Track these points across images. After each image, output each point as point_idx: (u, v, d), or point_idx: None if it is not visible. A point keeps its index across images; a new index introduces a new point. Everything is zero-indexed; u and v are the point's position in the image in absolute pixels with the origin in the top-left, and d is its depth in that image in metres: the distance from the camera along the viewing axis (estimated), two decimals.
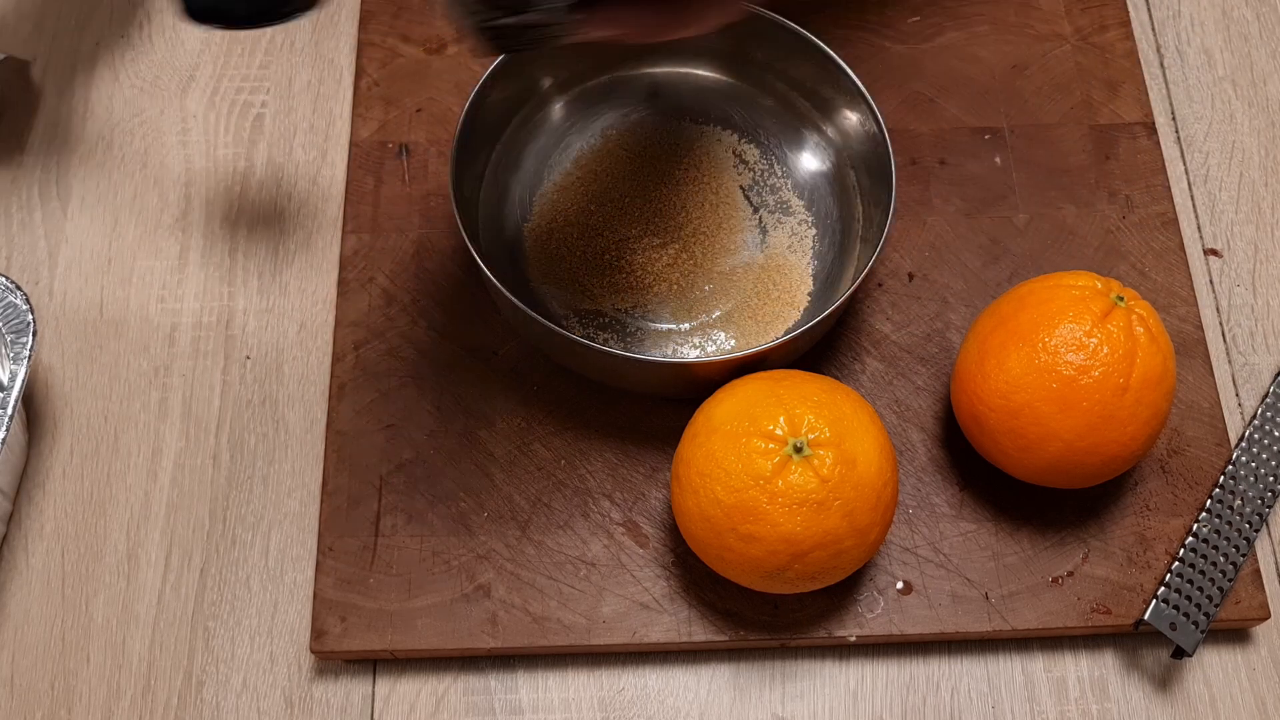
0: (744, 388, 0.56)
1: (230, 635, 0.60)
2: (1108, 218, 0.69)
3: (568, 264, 0.66)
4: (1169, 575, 0.59)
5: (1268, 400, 0.64)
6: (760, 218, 0.67)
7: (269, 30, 0.75)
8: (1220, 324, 0.68)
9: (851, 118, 0.65)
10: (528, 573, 0.59)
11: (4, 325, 0.65)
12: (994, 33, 0.74)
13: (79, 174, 0.71)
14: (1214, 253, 0.70)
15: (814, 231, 0.67)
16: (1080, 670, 0.60)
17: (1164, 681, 0.60)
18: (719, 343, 0.64)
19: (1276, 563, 0.63)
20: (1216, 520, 0.60)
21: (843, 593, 0.59)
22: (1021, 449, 0.56)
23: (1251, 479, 0.62)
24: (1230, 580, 0.59)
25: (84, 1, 0.76)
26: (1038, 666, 0.60)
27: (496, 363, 0.65)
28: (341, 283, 0.66)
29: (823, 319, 0.59)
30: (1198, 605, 0.58)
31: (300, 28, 0.75)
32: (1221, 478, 0.62)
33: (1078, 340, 0.55)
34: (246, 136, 0.72)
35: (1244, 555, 0.59)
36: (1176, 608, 0.58)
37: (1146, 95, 0.73)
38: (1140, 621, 0.58)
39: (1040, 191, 0.70)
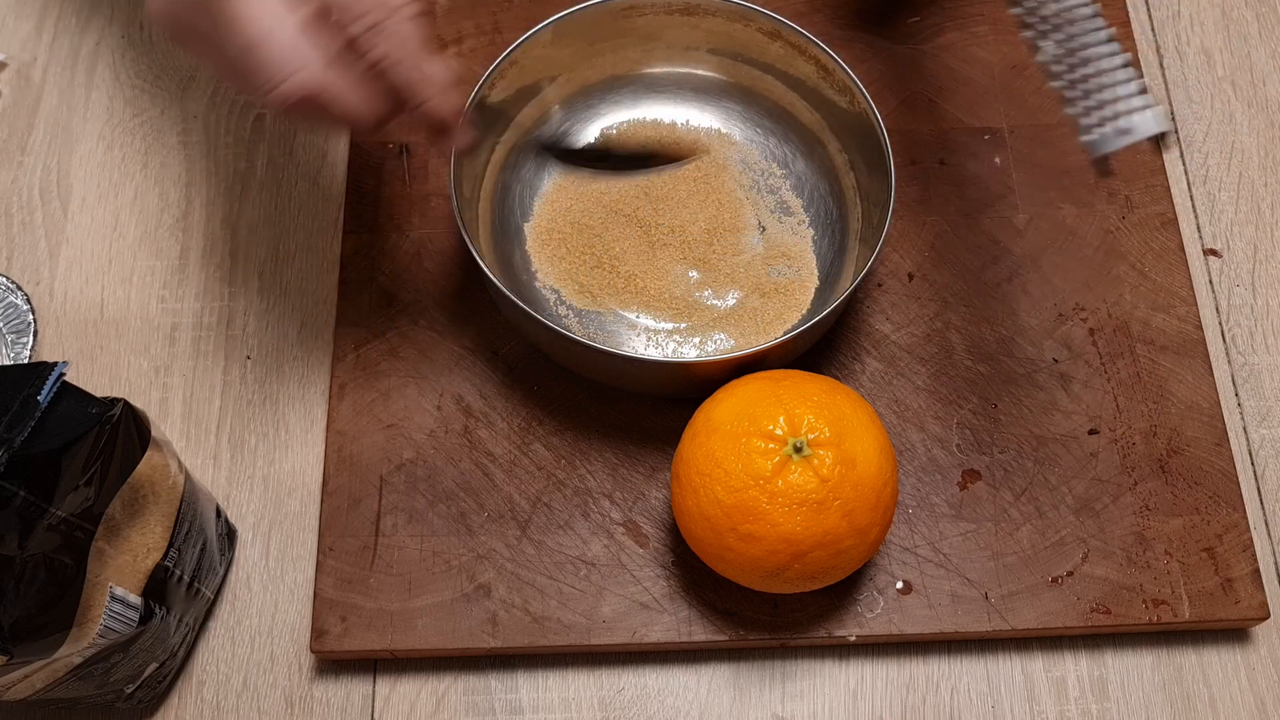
0: (744, 388, 0.56)
1: (230, 635, 0.60)
2: (1107, 218, 0.69)
3: (568, 264, 0.66)
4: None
5: None
6: (760, 218, 0.67)
7: None
8: (1220, 324, 0.68)
9: (851, 117, 0.65)
10: (528, 573, 0.59)
11: (4, 325, 0.65)
12: (994, 33, 0.74)
13: (79, 174, 0.71)
14: (1214, 253, 0.70)
15: (814, 231, 0.67)
16: (1080, 670, 0.60)
17: (1164, 681, 0.60)
18: (719, 343, 0.64)
19: (1276, 563, 0.63)
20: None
21: (843, 593, 0.59)
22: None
23: None
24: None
25: (84, 1, 0.76)
26: (1037, 666, 0.60)
27: (496, 363, 0.65)
28: (341, 283, 0.66)
29: (822, 319, 0.59)
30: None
31: None
32: None
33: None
34: (247, 137, 0.72)
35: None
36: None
37: None
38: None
39: (1040, 191, 0.70)
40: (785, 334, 0.60)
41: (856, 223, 0.66)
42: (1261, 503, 0.64)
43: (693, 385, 0.60)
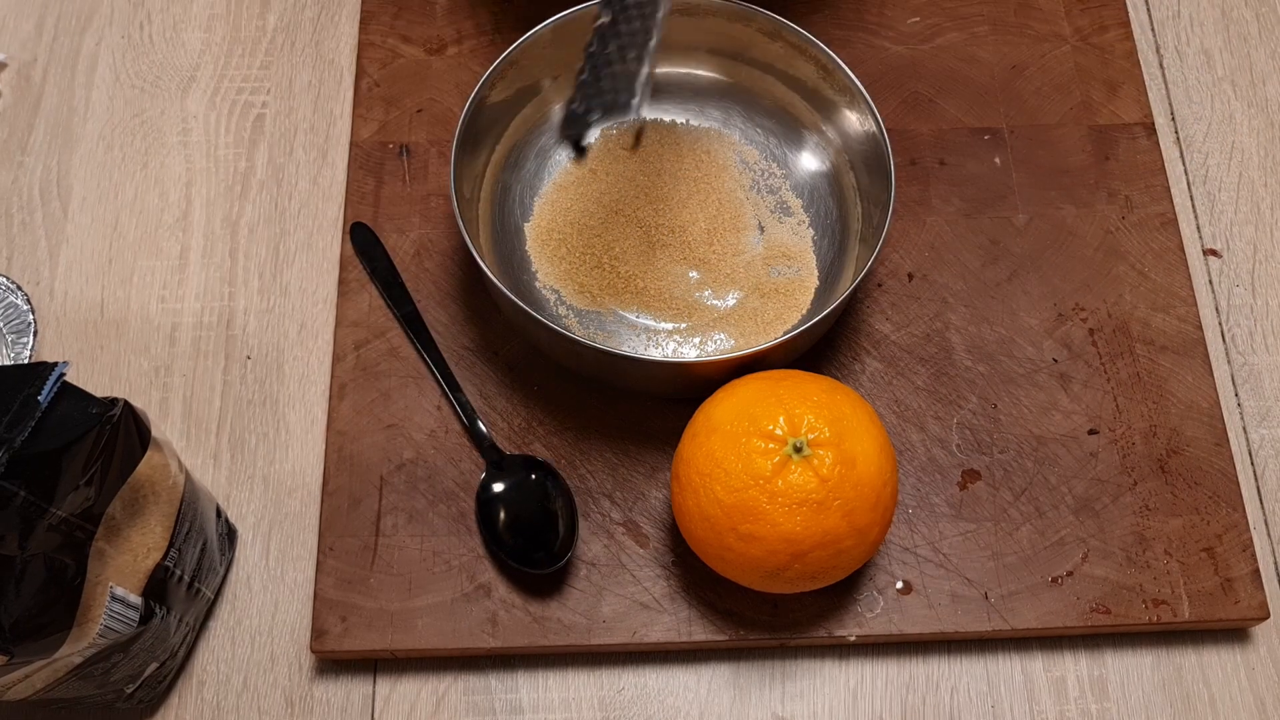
0: (744, 388, 0.56)
1: (230, 635, 0.60)
2: (1107, 218, 0.69)
3: (568, 264, 0.66)
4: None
5: None
6: (760, 218, 0.67)
7: (269, 30, 0.75)
8: (1219, 324, 0.68)
9: (851, 118, 0.66)
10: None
11: (4, 325, 0.65)
12: (994, 33, 0.74)
13: (79, 174, 0.71)
14: (1213, 253, 0.70)
15: (814, 231, 0.67)
16: (1080, 670, 0.60)
17: (1164, 681, 0.60)
18: (719, 343, 0.64)
19: (1276, 563, 0.63)
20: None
21: (843, 592, 0.59)
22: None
23: None
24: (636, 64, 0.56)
25: (84, 1, 0.76)
26: (1037, 666, 0.60)
27: (496, 363, 0.65)
28: (342, 283, 0.66)
29: (822, 319, 0.59)
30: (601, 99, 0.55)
31: (300, 27, 0.75)
32: None
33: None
34: (247, 137, 0.72)
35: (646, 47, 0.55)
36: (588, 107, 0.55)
37: (1146, 96, 0.73)
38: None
39: (1040, 191, 0.70)
40: (785, 334, 0.60)
41: (856, 223, 0.66)
42: (1261, 503, 0.64)
43: (693, 385, 0.60)
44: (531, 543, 0.59)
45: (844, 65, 0.64)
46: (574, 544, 0.59)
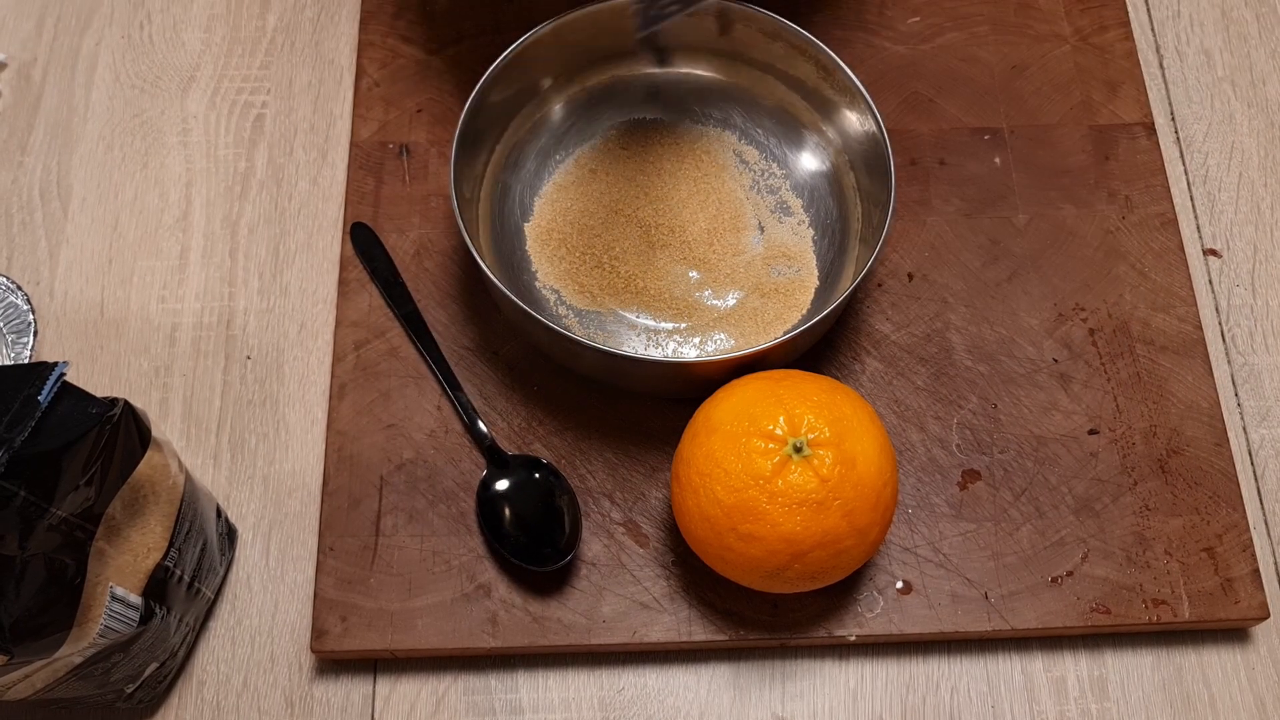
0: (744, 388, 0.56)
1: (230, 635, 0.60)
2: (1107, 218, 0.69)
3: (568, 264, 0.66)
4: None
5: None
6: (760, 218, 0.67)
7: (269, 30, 0.75)
8: (1220, 324, 0.68)
9: (851, 118, 0.66)
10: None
11: (4, 325, 0.65)
12: (994, 33, 0.74)
13: (79, 174, 0.71)
14: (1213, 253, 0.70)
15: (814, 231, 0.67)
16: (1080, 670, 0.60)
17: (1164, 681, 0.60)
18: (719, 343, 0.64)
19: (1276, 563, 0.63)
20: None
21: (842, 592, 0.59)
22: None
23: None
24: None
25: (84, 1, 0.76)
26: (1037, 666, 0.60)
27: (497, 363, 0.65)
28: (342, 283, 0.66)
29: (822, 319, 0.59)
30: None
31: (300, 27, 0.75)
32: None
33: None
34: (247, 137, 0.72)
35: None
36: None
37: (1146, 95, 0.73)
38: None
39: (1040, 191, 0.70)
40: (785, 334, 0.60)
41: (856, 223, 0.66)
42: (1261, 503, 0.64)
43: (693, 385, 0.60)
44: (537, 539, 0.59)
45: (844, 65, 0.64)
46: (578, 540, 0.59)
